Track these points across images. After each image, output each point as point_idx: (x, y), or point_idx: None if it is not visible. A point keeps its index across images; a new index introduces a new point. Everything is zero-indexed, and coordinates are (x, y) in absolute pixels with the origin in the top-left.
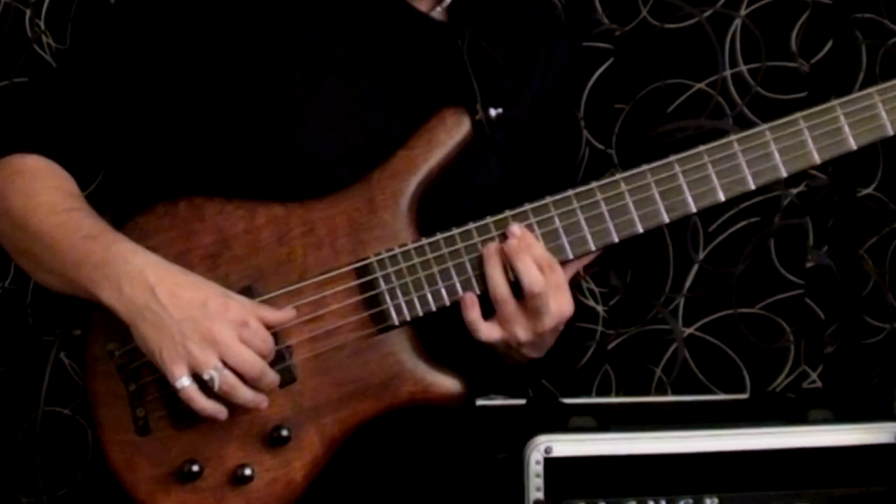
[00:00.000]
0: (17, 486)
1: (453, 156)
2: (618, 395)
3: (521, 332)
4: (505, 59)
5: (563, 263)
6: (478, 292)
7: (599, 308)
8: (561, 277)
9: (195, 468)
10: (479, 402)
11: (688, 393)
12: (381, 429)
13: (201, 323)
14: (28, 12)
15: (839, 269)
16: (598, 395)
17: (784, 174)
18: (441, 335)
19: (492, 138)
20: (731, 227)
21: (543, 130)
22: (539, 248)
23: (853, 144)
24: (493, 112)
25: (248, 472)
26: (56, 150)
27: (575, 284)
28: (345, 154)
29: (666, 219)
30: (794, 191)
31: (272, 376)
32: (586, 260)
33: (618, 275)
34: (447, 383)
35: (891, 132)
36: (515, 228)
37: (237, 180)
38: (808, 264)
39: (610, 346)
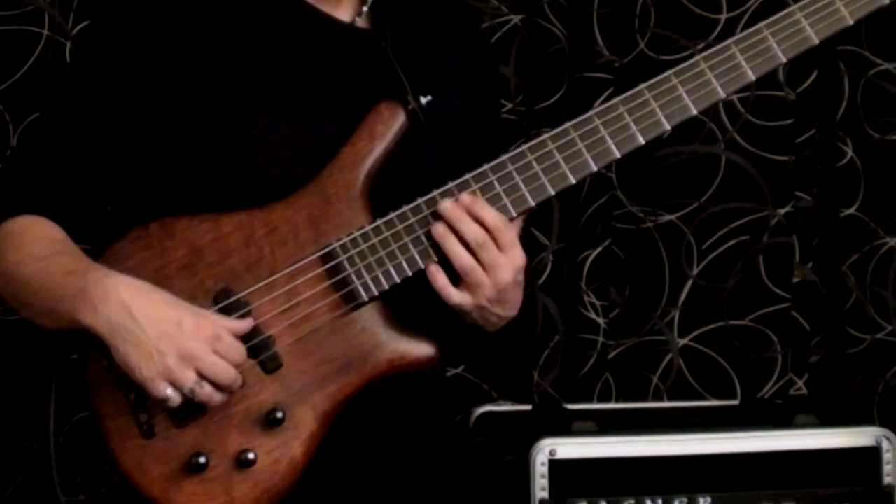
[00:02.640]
0: (59, 486)
1: (393, 144)
2: (617, 401)
3: (487, 290)
4: (427, 52)
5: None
6: (435, 259)
7: (600, 320)
8: (507, 235)
9: (202, 460)
10: (487, 409)
11: (682, 399)
12: (390, 423)
13: (177, 341)
14: (68, 45)
15: (823, 284)
16: (599, 401)
17: (694, 111)
18: (415, 308)
19: (427, 124)
20: (723, 244)
21: (475, 121)
22: (487, 211)
23: (751, 76)
24: (423, 100)
25: (251, 455)
26: (40, 206)
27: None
28: (291, 158)
29: (594, 167)
30: (782, 211)
31: (240, 380)
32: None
33: (617, 290)
34: (422, 348)
35: (783, 60)
36: (447, 204)
37: (201, 198)
38: (795, 280)
39: (610, 356)
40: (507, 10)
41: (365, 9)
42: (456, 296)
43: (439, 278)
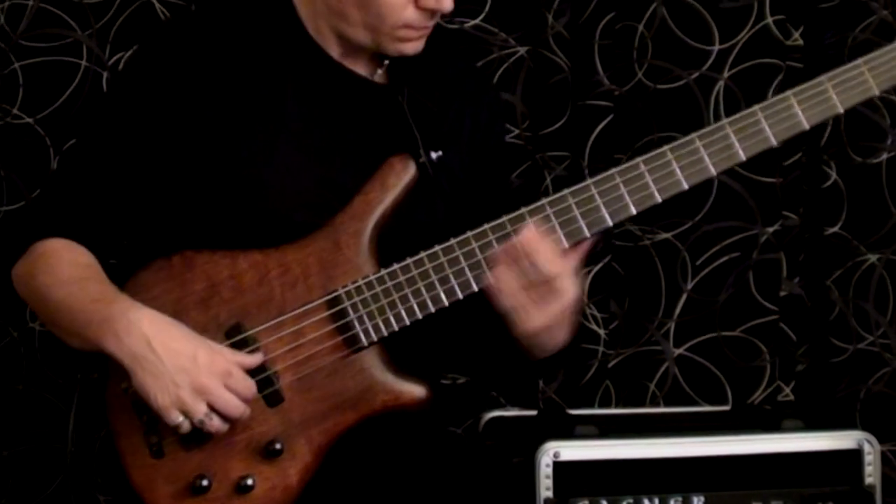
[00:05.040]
0: (96, 487)
1: (403, 196)
2: (617, 406)
3: (541, 316)
4: (439, 108)
5: None
6: (424, 315)
7: (601, 331)
8: (568, 263)
9: (205, 482)
10: (495, 414)
11: (678, 405)
12: (388, 439)
13: (192, 375)
14: (105, 74)
15: (809, 298)
16: (600, 406)
17: (686, 186)
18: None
19: (435, 178)
20: (716, 261)
21: (481, 175)
22: (548, 242)
23: (742, 156)
24: (433, 155)
25: (250, 481)
26: (72, 230)
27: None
28: (307, 203)
29: (609, 222)
30: (770, 229)
31: (248, 411)
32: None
33: (617, 303)
34: (415, 390)
35: (774, 143)
36: (527, 231)
37: (221, 234)
38: (782, 293)
39: (610, 365)
40: (514, 42)
41: (386, 62)
42: (508, 302)
43: (498, 286)
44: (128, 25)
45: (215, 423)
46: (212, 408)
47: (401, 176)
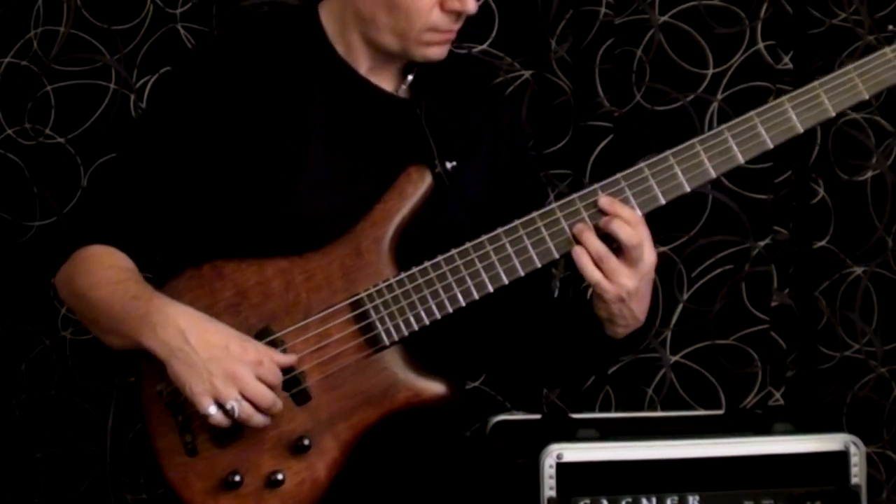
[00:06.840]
0: (124, 486)
1: (420, 204)
2: (617, 410)
3: (628, 281)
4: (458, 123)
5: None
6: (443, 315)
7: None
8: (647, 230)
9: (237, 478)
10: (502, 418)
11: (674, 409)
12: (411, 435)
13: (224, 363)
14: (132, 97)
15: (798, 308)
16: (601, 410)
17: (687, 189)
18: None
19: (452, 188)
20: (710, 273)
21: (514, 180)
22: (627, 211)
23: (741, 159)
24: (448, 165)
25: (280, 476)
26: (112, 237)
27: None
28: (335, 213)
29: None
30: (762, 243)
31: (280, 404)
32: None
33: None
34: (435, 387)
35: (770, 145)
36: (604, 200)
37: (252, 243)
38: (773, 304)
39: (610, 371)
40: (519, 66)
41: (410, 78)
42: (596, 273)
43: (584, 257)
44: (154, 51)
45: (246, 409)
46: (243, 396)
47: (417, 185)
